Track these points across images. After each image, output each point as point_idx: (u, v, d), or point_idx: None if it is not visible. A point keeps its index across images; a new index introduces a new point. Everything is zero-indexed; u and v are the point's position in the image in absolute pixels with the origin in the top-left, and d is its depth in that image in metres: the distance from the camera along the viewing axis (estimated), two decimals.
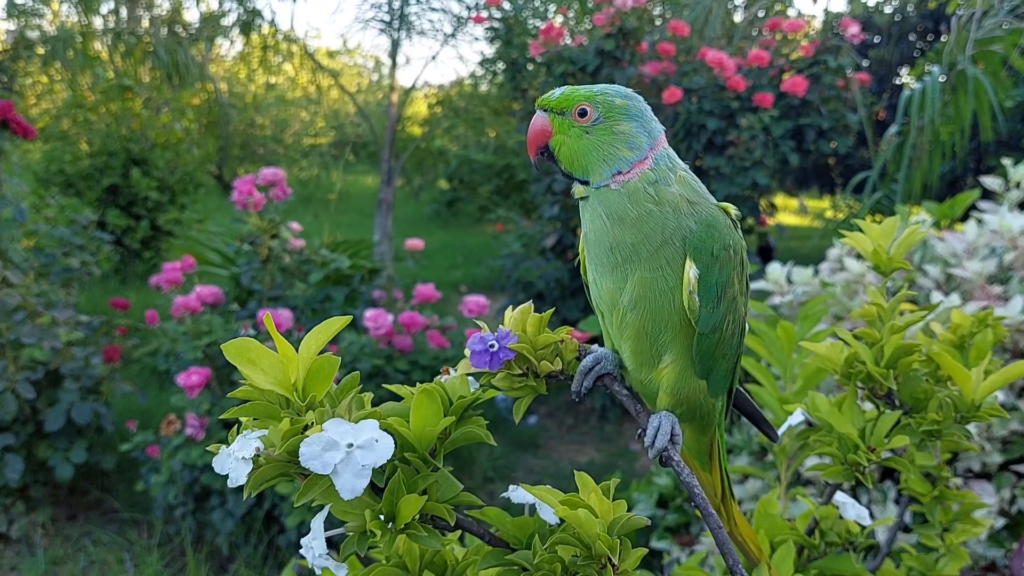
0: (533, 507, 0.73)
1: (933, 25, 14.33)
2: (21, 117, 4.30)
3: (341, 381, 0.67)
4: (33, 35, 9.44)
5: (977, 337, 1.25)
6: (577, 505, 0.64)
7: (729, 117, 5.62)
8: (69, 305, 4.64)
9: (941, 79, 5.88)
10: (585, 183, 0.78)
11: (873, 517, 2.44)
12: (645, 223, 0.75)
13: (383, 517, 0.65)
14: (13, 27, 9.43)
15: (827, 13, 9.26)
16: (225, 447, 0.63)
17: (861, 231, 1.12)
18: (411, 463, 0.67)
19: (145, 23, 11.35)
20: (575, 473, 0.69)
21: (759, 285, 3.30)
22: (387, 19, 9.31)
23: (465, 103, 11.03)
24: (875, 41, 14.87)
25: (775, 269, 3.27)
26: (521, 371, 0.71)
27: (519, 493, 0.72)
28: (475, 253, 11.10)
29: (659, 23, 7.07)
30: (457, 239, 12.44)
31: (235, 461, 0.60)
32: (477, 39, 11.02)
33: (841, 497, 1.08)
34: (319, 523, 0.65)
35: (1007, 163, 3.74)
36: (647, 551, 0.66)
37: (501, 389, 0.71)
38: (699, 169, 5.69)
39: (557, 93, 0.79)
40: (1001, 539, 2.32)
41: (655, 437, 0.75)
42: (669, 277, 0.74)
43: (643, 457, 5.09)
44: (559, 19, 7.76)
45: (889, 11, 15.05)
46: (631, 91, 0.81)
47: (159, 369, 4.45)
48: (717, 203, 0.80)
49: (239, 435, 0.63)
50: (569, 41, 6.21)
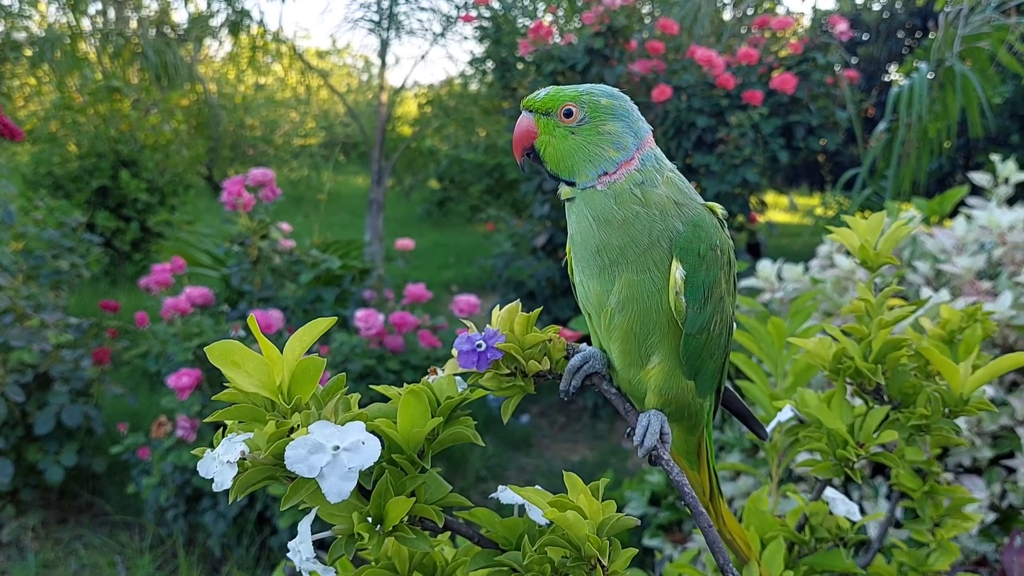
0: (523, 508, 0.72)
1: (921, 22, 14.39)
2: (8, 119, 4.28)
3: (327, 383, 0.67)
4: (20, 36, 9.39)
5: (966, 332, 1.25)
6: (566, 506, 0.63)
7: (719, 115, 5.63)
8: (58, 307, 4.62)
9: (929, 76, 5.90)
10: (571, 184, 0.77)
11: (864, 512, 2.45)
12: (632, 225, 0.74)
13: (371, 519, 0.64)
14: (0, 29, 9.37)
15: (815, 11, 9.29)
16: (210, 451, 0.62)
17: (849, 227, 1.13)
18: (399, 465, 0.67)
19: (133, 24, 11.29)
20: (564, 474, 0.69)
21: (750, 282, 3.31)
22: (376, 19, 9.29)
23: (455, 102, 11.00)
24: (863, 38, 14.92)
25: (765, 266, 3.28)
26: (509, 371, 0.71)
27: (508, 494, 0.72)
28: (466, 253, 11.09)
29: (648, 21, 7.07)
30: (448, 239, 12.43)
31: (220, 465, 0.60)
32: (466, 38, 11.00)
33: (831, 493, 1.08)
34: (306, 526, 0.64)
35: (995, 159, 3.75)
36: (637, 551, 0.66)
37: (489, 389, 0.71)
38: (689, 167, 5.70)
39: (542, 94, 0.78)
40: (992, 533, 2.33)
41: (644, 436, 0.75)
42: (656, 278, 0.74)
43: (635, 455, 5.09)
44: (548, 18, 7.76)
45: (877, 8, 15.11)
46: (617, 91, 0.80)
47: (149, 371, 4.44)
48: (704, 203, 0.80)
49: (224, 438, 0.62)
50: (558, 40, 6.21)
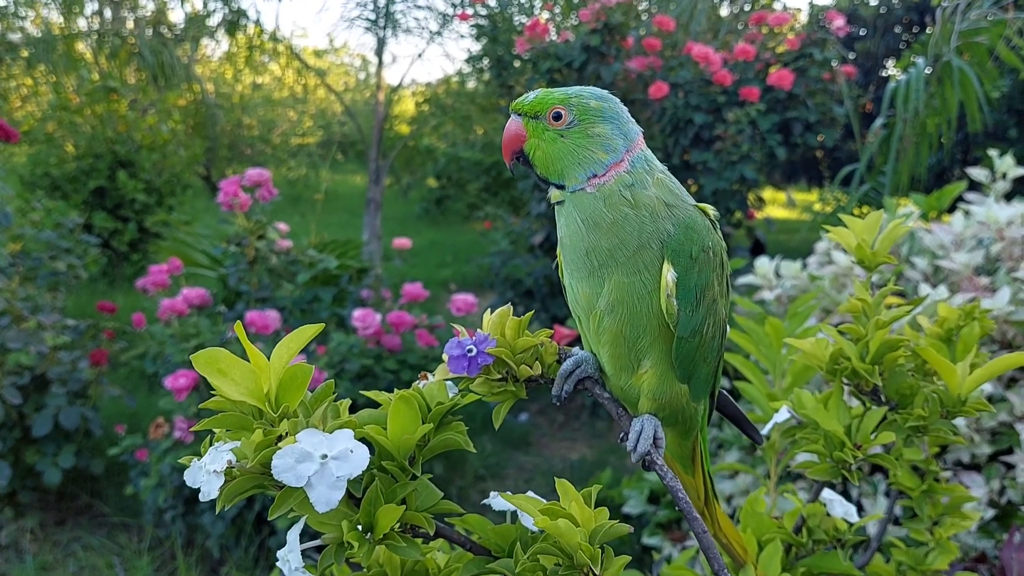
0: (515, 514, 0.71)
1: (918, 17, 14.38)
2: (4, 120, 4.27)
3: (316, 390, 0.66)
4: (16, 37, 9.37)
5: (964, 330, 1.24)
6: (557, 514, 0.62)
7: (716, 111, 5.62)
8: (56, 309, 4.61)
9: (927, 71, 5.89)
10: (561, 187, 0.76)
11: (862, 510, 2.44)
12: (621, 227, 0.73)
13: (361, 527, 0.63)
14: None
15: (812, 6, 9.28)
16: (197, 460, 0.61)
17: (846, 225, 1.12)
18: (389, 472, 0.66)
19: (130, 24, 11.27)
20: (556, 480, 0.68)
21: (748, 279, 3.30)
22: (373, 17, 9.27)
23: (452, 101, 10.99)
24: (861, 34, 14.90)
25: (763, 263, 3.27)
26: (500, 376, 0.70)
27: (499, 501, 0.71)
28: (464, 251, 11.08)
29: (645, 18, 7.06)
30: (446, 237, 12.42)
31: (207, 474, 0.59)
32: (463, 36, 11.00)
33: (828, 494, 1.07)
34: (295, 535, 0.63)
35: (993, 154, 3.74)
36: (630, 558, 0.65)
37: (480, 394, 0.70)
38: (686, 164, 5.69)
39: (531, 97, 0.77)
40: (991, 530, 2.32)
41: (638, 441, 0.74)
42: (647, 281, 0.73)
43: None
44: (545, 15, 7.74)
45: (874, 3, 15.09)
46: (607, 93, 0.79)
47: (147, 372, 4.43)
48: (696, 204, 0.79)
49: (211, 447, 0.61)
50: (555, 37, 6.19)
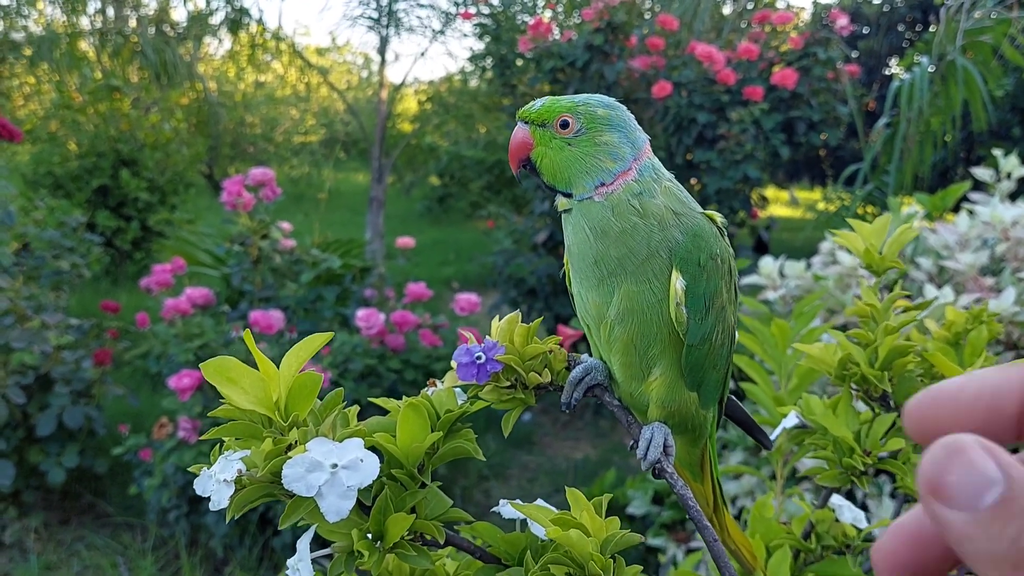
0: (524, 521, 0.71)
1: (922, 15, 14.36)
2: (6, 119, 4.27)
3: (325, 398, 0.66)
4: (18, 36, 9.37)
5: (971, 334, 1.24)
6: (569, 524, 0.62)
7: (719, 111, 5.61)
8: (59, 308, 4.61)
9: (930, 69, 5.88)
10: (568, 195, 0.76)
11: (868, 511, 2.44)
12: (630, 236, 0.73)
13: (371, 536, 0.63)
14: None
15: (816, 5, 9.25)
16: (206, 468, 0.61)
17: (851, 228, 1.11)
18: (399, 480, 0.66)
19: (132, 23, 11.27)
20: (567, 489, 0.68)
21: (752, 279, 3.30)
22: (375, 16, 9.27)
23: (455, 99, 10.99)
24: (864, 32, 14.88)
25: (768, 263, 3.27)
26: (509, 383, 0.69)
27: (508, 509, 0.71)
28: (467, 249, 11.08)
29: (648, 17, 7.05)
30: (449, 235, 12.42)
31: (217, 483, 0.59)
32: (466, 35, 10.97)
33: (837, 500, 1.07)
34: (305, 544, 0.63)
35: (998, 154, 3.73)
36: (640, 568, 0.65)
37: (489, 401, 0.70)
38: (690, 163, 5.68)
39: (538, 104, 0.76)
40: None
41: (648, 449, 0.74)
42: (656, 290, 0.73)
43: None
44: (548, 14, 7.74)
45: (877, 2, 15.07)
46: (614, 101, 0.79)
47: (150, 372, 4.43)
48: (703, 212, 0.79)
49: (221, 456, 0.61)
50: (558, 36, 6.19)
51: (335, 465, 0.58)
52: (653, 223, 0.74)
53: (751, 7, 7.56)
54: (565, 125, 0.74)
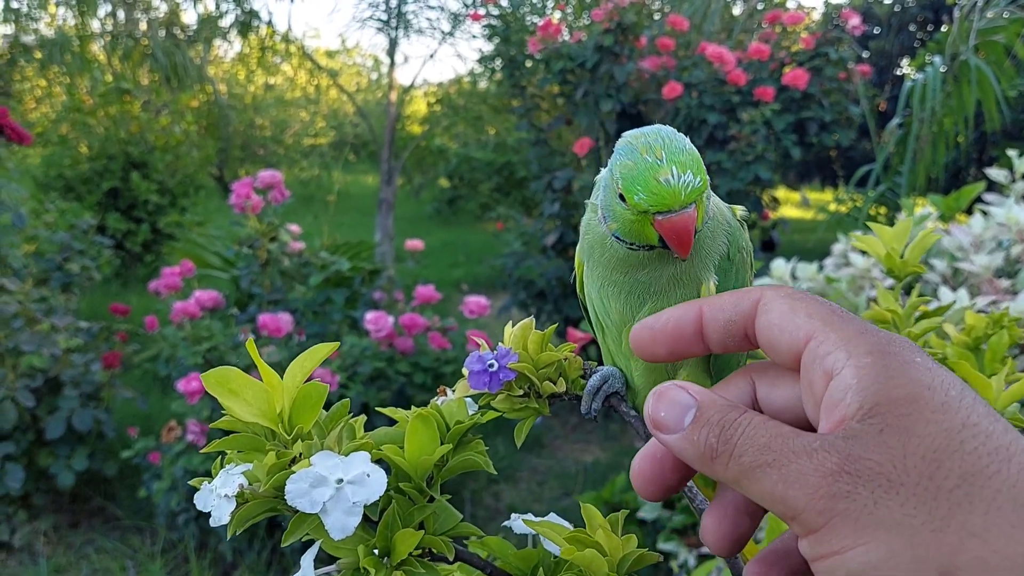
0: (536, 536, 0.69)
1: (933, 15, 14.28)
2: (16, 122, 4.27)
3: (331, 409, 0.64)
4: (29, 39, 9.41)
5: (992, 339, 1.21)
6: (584, 544, 0.60)
7: (730, 111, 5.58)
8: (70, 311, 4.62)
9: (943, 70, 5.84)
10: None
11: None
12: (703, 246, 0.69)
13: (378, 552, 0.61)
14: (9, 31, 9.40)
15: (827, 5, 9.21)
16: (207, 482, 0.59)
17: (864, 229, 1.09)
18: (407, 494, 0.63)
19: (143, 26, 11.31)
20: (581, 506, 0.65)
21: (764, 281, 3.27)
22: (384, 18, 9.27)
23: (464, 101, 10.99)
24: (875, 32, 14.82)
25: (779, 265, 3.24)
26: (522, 392, 0.67)
27: (519, 524, 0.68)
28: (476, 251, 11.07)
29: (658, 18, 7.03)
30: (458, 237, 12.41)
31: (218, 499, 0.57)
32: (475, 36, 10.99)
33: None
34: (309, 560, 0.61)
35: (1012, 154, 3.69)
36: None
37: (501, 411, 0.67)
38: None
39: (695, 180, 0.63)
40: None
41: None
42: (688, 291, 0.69)
43: None
44: (557, 15, 7.71)
45: (889, 2, 15.00)
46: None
47: (159, 375, 4.43)
48: (727, 206, 0.75)
49: (222, 469, 0.59)
50: (567, 37, 6.16)
51: (340, 480, 0.56)
52: (718, 224, 0.70)
53: (761, 8, 7.52)
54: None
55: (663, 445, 0.50)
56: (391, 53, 9.58)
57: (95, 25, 10.65)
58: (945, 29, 6.21)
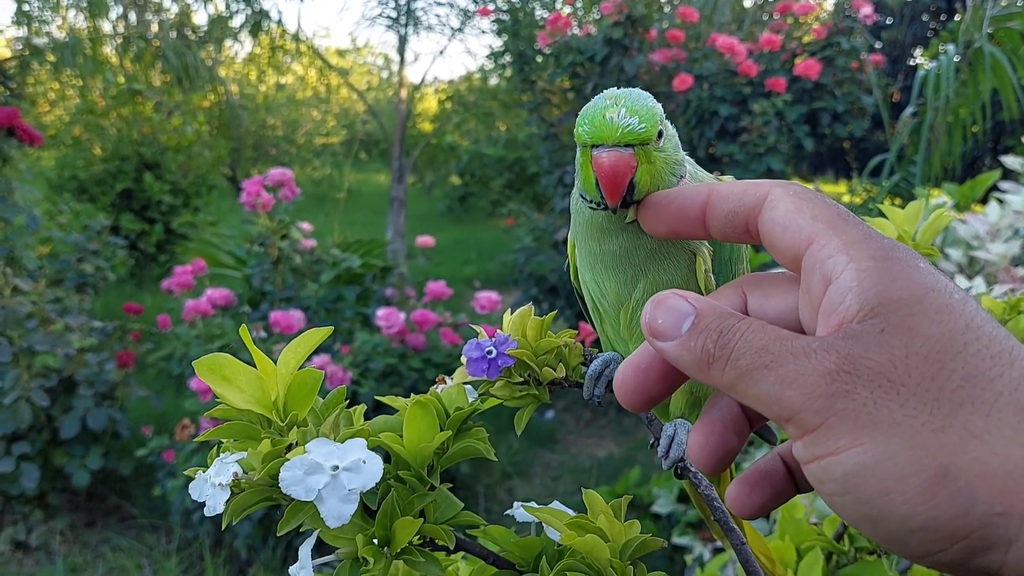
0: (540, 524, 0.68)
1: (946, 4, 14.16)
2: (28, 124, 4.29)
3: (328, 396, 0.63)
4: (41, 41, 9.45)
5: (1009, 324, 1.19)
6: (585, 529, 0.59)
7: (741, 103, 5.54)
8: (84, 311, 4.63)
9: (956, 58, 5.77)
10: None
11: None
12: None
13: (377, 542, 0.60)
14: (21, 34, 9.45)
15: None
16: (202, 472, 0.58)
17: (883, 215, 1.07)
18: (406, 482, 0.62)
19: (154, 27, 11.34)
20: (583, 491, 0.64)
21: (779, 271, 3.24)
22: (394, 15, 9.26)
23: (474, 97, 10.97)
24: (888, 22, 14.70)
25: None
26: (522, 379, 0.66)
27: (522, 512, 0.67)
28: (488, 248, 11.06)
29: (668, 9, 6.99)
30: (470, 234, 12.40)
31: (212, 488, 0.56)
32: (484, 32, 10.95)
33: None
34: (306, 551, 0.60)
35: None
36: (665, 574, 0.61)
37: (501, 398, 0.66)
38: (712, 157, 5.62)
39: (635, 122, 0.62)
40: None
41: (670, 447, 0.70)
42: (684, 265, 0.68)
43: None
44: (566, 9, 7.68)
45: None
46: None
47: (173, 373, 4.44)
48: (717, 176, 0.74)
49: (217, 458, 0.58)
50: (577, 31, 6.14)
51: (336, 467, 0.55)
52: None
53: None
54: (661, 135, 0.65)
55: (659, 352, 0.49)
56: (401, 51, 9.57)
57: (107, 27, 10.69)
58: (959, 18, 6.13)
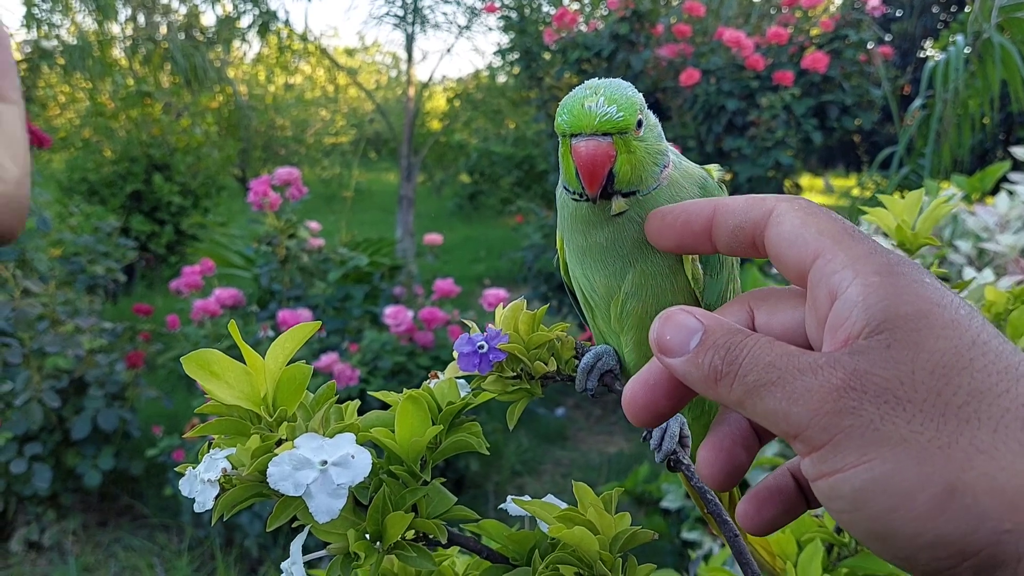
0: (533, 519, 0.68)
1: None
2: (38, 127, 4.31)
3: (318, 391, 0.62)
4: (51, 44, 9.50)
5: (1013, 314, 1.18)
6: (574, 521, 0.58)
7: (749, 97, 5.52)
8: (94, 312, 4.66)
9: (966, 49, 5.73)
10: (630, 194, 0.65)
11: None
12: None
13: (369, 536, 0.60)
14: (31, 37, 9.49)
15: None
16: (192, 468, 0.58)
17: (885, 207, 1.06)
18: (399, 477, 0.62)
19: (163, 29, 11.38)
20: (573, 484, 0.64)
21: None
22: (401, 14, 9.26)
23: (483, 95, 10.97)
24: (897, 15, 14.62)
25: None
26: (514, 373, 0.65)
27: (513, 506, 0.67)
28: (497, 246, 11.06)
29: (675, 4, 6.97)
30: (479, 233, 12.40)
31: (202, 484, 0.56)
32: (491, 29, 10.95)
33: None
34: (298, 546, 0.60)
35: None
36: (655, 567, 0.61)
37: (493, 392, 0.66)
38: (720, 151, 5.59)
39: (612, 111, 0.62)
40: None
41: (662, 439, 0.69)
42: (672, 256, 0.67)
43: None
44: (573, 5, 7.67)
45: None
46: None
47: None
48: (701, 167, 0.73)
49: (206, 454, 0.58)
50: (583, 27, 6.13)
51: (325, 462, 0.54)
52: (685, 185, 0.68)
53: None
54: (640, 124, 0.64)
55: (667, 368, 0.50)
56: (408, 49, 9.57)
57: (115, 30, 10.74)
58: (968, 10, 6.09)
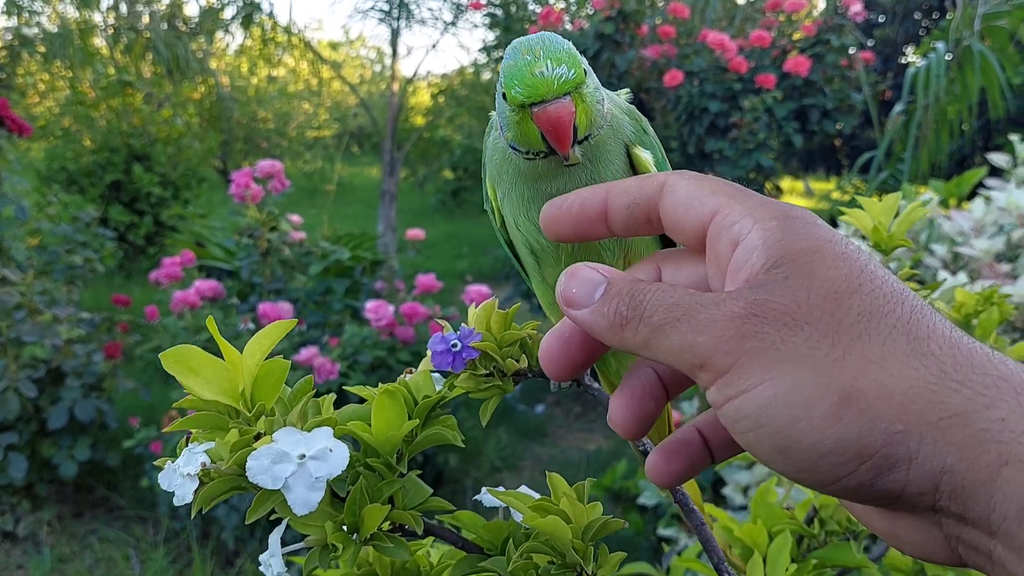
0: (508, 509, 0.69)
1: (938, 2, 14.18)
2: (18, 114, 4.28)
3: (295, 386, 0.64)
4: (32, 32, 9.41)
5: (982, 316, 1.21)
6: (547, 511, 0.60)
7: (731, 99, 5.56)
8: (72, 302, 4.62)
9: (947, 56, 5.80)
10: (583, 140, 0.66)
11: None
12: (609, 141, 0.68)
13: (346, 528, 0.61)
14: (11, 24, 9.40)
15: None
16: (171, 462, 0.59)
17: (863, 209, 1.09)
18: (375, 469, 0.63)
19: (145, 18, 11.30)
20: (547, 475, 0.65)
21: None
22: (386, 8, 9.24)
23: (467, 92, 10.96)
24: (879, 21, 14.73)
25: None
26: (487, 371, 0.67)
27: (488, 497, 0.68)
28: (481, 243, 11.06)
29: (660, 5, 7.00)
30: (462, 229, 12.40)
31: (181, 478, 0.57)
32: (477, 26, 10.95)
33: None
34: (276, 539, 0.61)
35: (1015, 139, 3.67)
36: (625, 555, 0.63)
37: (466, 390, 0.67)
38: (702, 152, 5.63)
39: (567, 71, 0.63)
40: None
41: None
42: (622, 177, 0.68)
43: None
44: (559, 4, 7.68)
45: None
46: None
47: (161, 365, 4.44)
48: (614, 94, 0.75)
49: (185, 449, 0.59)
50: (569, 26, 6.14)
51: (303, 456, 0.56)
52: (619, 119, 0.70)
53: None
54: (587, 73, 0.65)
55: (574, 321, 0.52)
56: (393, 44, 9.55)
57: (97, 18, 10.65)
58: (950, 16, 6.16)
